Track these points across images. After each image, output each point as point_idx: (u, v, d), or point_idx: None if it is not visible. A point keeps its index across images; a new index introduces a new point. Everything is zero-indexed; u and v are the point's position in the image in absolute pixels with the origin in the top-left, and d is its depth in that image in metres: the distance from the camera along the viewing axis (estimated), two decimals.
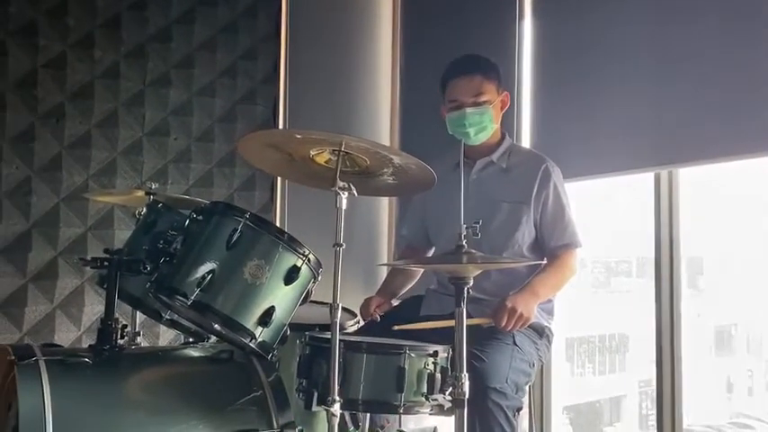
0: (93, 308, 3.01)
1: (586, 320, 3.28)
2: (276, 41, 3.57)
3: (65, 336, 2.95)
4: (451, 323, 1.74)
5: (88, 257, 1.98)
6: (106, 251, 1.92)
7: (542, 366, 2.67)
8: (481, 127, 2.29)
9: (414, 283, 2.54)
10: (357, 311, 2.34)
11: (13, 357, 1.66)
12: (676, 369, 2.52)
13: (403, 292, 2.52)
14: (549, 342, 2.31)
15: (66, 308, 2.97)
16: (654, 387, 2.59)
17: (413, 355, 1.74)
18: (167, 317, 2.08)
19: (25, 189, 2.91)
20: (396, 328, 1.96)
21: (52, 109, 2.98)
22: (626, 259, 3.04)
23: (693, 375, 2.63)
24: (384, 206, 3.74)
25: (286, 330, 1.84)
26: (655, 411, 2.59)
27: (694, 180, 2.57)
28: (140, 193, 2.36)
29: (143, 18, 3.20)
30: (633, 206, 2.86)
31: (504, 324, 2.06)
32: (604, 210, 3.07)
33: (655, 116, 2.52)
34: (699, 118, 2.38)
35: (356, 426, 2.14)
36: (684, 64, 2.43)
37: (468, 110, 2.26)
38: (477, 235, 1.72)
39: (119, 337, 1.89)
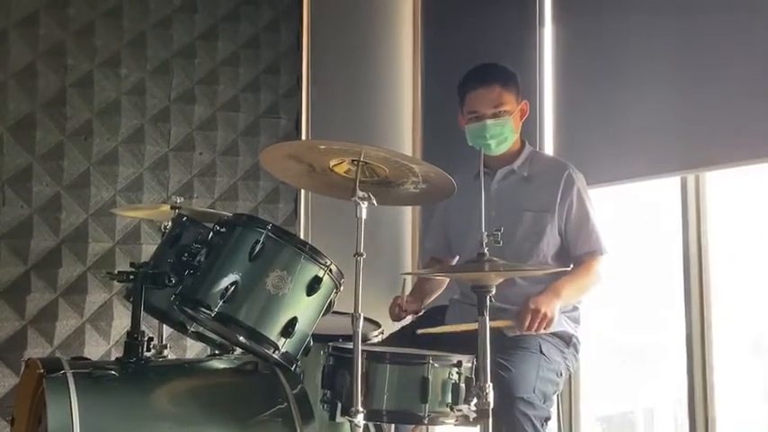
0: (122, 321, 3.04)
1: (619, 329, 3.23)
2: (298, 55, 3.60)
3: (94, 349, 2.99)
4: (475, 326, 1.73)
5: (115, 272, 2.02)
6: (132, 265, 1.95)
7: (571, 375, 2.63)
8: (502, 138, 2.28)
9: (442, 290, 2.53)
10: (382, 321, 2.34)
11: (42, 371, 1.69)
12: (708, 379, 2.46)
13: (433, 297, 2.52)
14: (577, 351, 2.28)
15: (96, 322, 3.02)
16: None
17: (437, 365, 1.73)
18: (192, 329, 2.10)
19: (55, 205, 2.96)
20: (419, 331, 1.96)
21: (80, 127, 3.04)
22: (658, 265, 2.99)
23: (728, 383, 2.57)
24: (408, 216, 3.74)
25: (309, 341, 1.84)
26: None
27: (723, 184, 2.53)
28: (166, 208, 2.39)
29: (167, 36, 3.25)
30: (660, 212, 2.82)
31: (527, 325, 2.03)
32: (632, 215, 3.03)
33: (680, 119, 2.48)
34: (725, 120, 2.34)
35: None
36: (710, 66, 2.39)
37: (489, 121, 2.25)
38: (499, 242, 1.70)
39: (145, 349, 1.91)
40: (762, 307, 2.68)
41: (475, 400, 1.70)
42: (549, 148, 2.94)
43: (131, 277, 1.90)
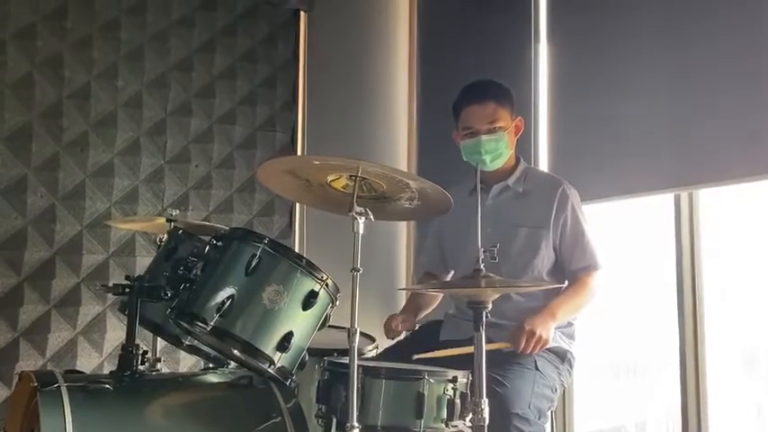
0: (115, 334, 3.03)
1: (611, 343, 3.23)
2: (294, 69, 3.61)
3: (87, 362, 2.97)
4: (471, 349, 1.73)
5: (110, 284, 2.01)
6: (127, 278, 1.95)
7: (564, 390, 2.64)
8: (497, 153, 2.30)
9: (436, 305, 2.53)
10: (376, 335, 2.34)
11: (36, 384, 1.68)
12: (702, 394, 2.47)
13: (426, 312, 2.52)
14: (571, 366, 2.28)
15: (89, 334, 3.00)
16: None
17: (432, 380, 1.73)
18: (187, 342, 2.09)
19: (49, 217, 2.95)
20: (416, 357, 1.96)
21: (76, 138, 3.03)
22: (651, 281, 3.01)
23: (721, 399, 2.57)
24: (402, 231, 3.75)
25: (304, 355, 1.84)
26: None
27: (716, 201, 2.55)
28: (161, 220, 2.39)
29: (165, 49, 3.26)
30: (654, 228, 2.84)
31: (523, 347, 2.04)
32: (625, 232, 3.05)
33: (674, 136, 2.50)
34: (719, 138, 2.37)
35: None
36: (704, 83, 2.42)
37: (484, 137, 2.27)
38: (495, 259, 1.71)
39: (139, 362, 1.90)
40: (754, 322, 2.70)
41: (470, 416, 1.70)
42: (543, 165, 2.96)
43: (127, 290, 1.90)
